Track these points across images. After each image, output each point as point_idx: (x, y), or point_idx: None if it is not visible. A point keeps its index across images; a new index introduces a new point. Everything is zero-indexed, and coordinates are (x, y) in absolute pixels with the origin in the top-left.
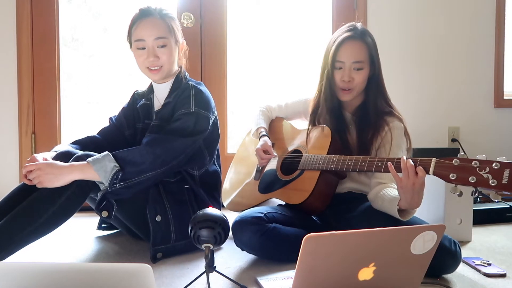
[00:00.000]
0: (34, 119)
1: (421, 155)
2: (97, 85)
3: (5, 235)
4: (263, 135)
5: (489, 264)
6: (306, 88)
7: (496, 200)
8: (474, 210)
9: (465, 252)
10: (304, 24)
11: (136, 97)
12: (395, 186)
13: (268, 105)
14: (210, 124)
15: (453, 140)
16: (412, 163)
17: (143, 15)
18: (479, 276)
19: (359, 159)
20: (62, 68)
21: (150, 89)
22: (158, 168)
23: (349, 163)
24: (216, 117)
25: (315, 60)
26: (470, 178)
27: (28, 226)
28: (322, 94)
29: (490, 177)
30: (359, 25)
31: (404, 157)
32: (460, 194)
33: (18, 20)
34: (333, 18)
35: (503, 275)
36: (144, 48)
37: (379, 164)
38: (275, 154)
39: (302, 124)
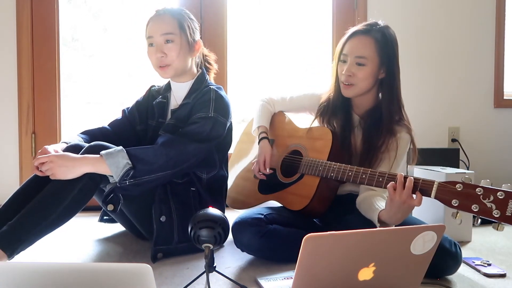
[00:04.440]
0: (34, 119)
1: (421, 155)
2: (97, 85)
3: (22, 230)
4: (263, 138)
5: (489, 264)
6: (306, 87)
7: (499, 231)
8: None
9: (465, 252)
10: (304, 24)
11: (152, 92)
12: (385, 197)
13: (270, 97)
14: (226, 130)
15: (453, 140)
16: (412, 184)
17: (156, 14)
18: (479, 276)
19: (359, 170)
20: (62, 68)
21: (168, 86)
22: (169, 169)
23: (350, 173)
24: (231, 123)
25: (315, 60)
26: (473, 206)
27: (43, 220)
28: (332, 89)
29: (493, 207)
30: (381, 22)
31: (403, 175)
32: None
33: (18, 20)
34: (333, 18)
35: (503, 275)
36: (153, 46)
37: (380, 179)
38: (271, 170)
39: (304, 119)
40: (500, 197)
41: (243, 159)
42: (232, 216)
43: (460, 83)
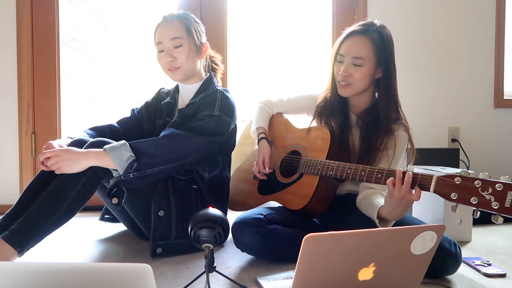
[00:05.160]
0: (34, 119)
1: (421, 155)
2: (97, 85)
3: (31, 226)
4: (262, 138)
5: (489, 264)
6: (307, 88)
7: (498, 223)
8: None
9: (465, 252)
10: (305, 25)
11: (161, 94)
12: (384, 194)
13: (268, 99)
14: (230, 130)
15: (453, 140)
16: (411, 179)
17: (163, 20)
18: (479, 276)
19: (358, 168)
20: (62, 68)
21: (176, 88)
22: (172, 162)
23: (349, 171)
24: (236, 125)
25: (315, 60)
26: (471, 199)
27: (51, 216)
28: (329, 89)
29: (492, 199)
30: (377, 22)
31: (402, 170)
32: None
33: (18, 20)
34: (333, 18)
35: (503, 275)
36: (163, 51)
37: (379, 175)
38: (272, 169)
39: (302, 121)
40: (498, 189)
41: (242, 161)
42: (232, 216)
43: (460, 83)
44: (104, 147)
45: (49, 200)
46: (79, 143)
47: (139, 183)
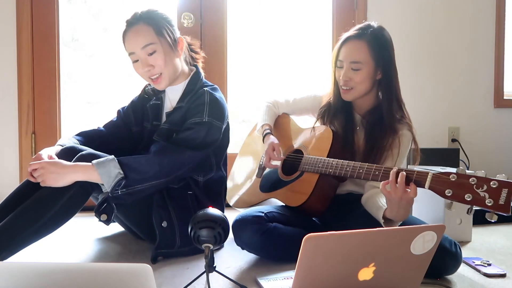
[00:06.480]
0: (34, 119)
1: (421, 154)
2: (97, 85)
3: (7, 235)
4: (268, 133)
5: (489, 264)
6: (307, 88)
7: (493, 220)
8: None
9: (465, 252)
10: (305, 24)
11: (147, 92)
12: None
13: (275, 100)
14: (221, 134)
15: (453, 140)
16: (404, 179)
17: (128, 26)
18: (479, 276)
19: (357, 165)
20: (62, 68)
21: None
22: (163, 178)
23: (347, 169)
24: (228, 123)
25: (315, 60)
26: (466, 196)
27: (29, 226)
28: (331, 93)
29: (487, 196)
30: (374, 24)
31: (395, 169)
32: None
33: (18, 20)
34: (333, 18)
35: (503, 275)
36: (137, 61)
37: (377, 173)
38: (282, 156)
39: (307, 121)
40: (493, 186)
41: (246, 160)
42: (232, 216)
43: (460, 83)
44: (92, 162)
45: (29, 210)
46: (69, 151)
47: (129, 199)
